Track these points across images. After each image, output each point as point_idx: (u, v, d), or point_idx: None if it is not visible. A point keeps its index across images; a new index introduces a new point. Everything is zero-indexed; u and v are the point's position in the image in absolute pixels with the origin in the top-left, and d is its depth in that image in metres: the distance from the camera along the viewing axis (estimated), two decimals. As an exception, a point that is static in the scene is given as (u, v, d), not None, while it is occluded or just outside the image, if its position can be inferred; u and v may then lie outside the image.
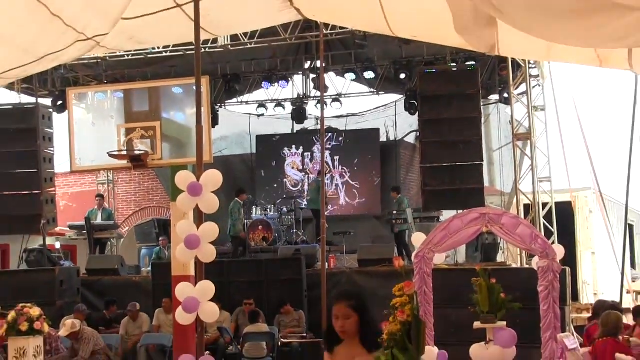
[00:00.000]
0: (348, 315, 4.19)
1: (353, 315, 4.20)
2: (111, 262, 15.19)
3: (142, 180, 21.11)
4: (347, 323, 4.18)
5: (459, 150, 13.91)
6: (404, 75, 17.12)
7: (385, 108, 20.40)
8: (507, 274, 10.69)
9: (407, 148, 19.82)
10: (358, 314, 4.22)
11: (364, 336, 4.21)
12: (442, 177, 13.98)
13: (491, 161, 18.26)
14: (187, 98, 9.32)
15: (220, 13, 8.85)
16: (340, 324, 4.19)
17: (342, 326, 4.18)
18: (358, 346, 4.21)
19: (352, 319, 4.19)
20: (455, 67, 15.34)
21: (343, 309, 4.21)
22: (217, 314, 6.50)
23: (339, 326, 4.19)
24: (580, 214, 17.61)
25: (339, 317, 4.21)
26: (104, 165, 10.40)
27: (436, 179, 14.04)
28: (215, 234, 6.46)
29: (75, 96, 9.84)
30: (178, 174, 6.56)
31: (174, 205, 8.46)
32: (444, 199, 14.01)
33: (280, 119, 20.78)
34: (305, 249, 14.61)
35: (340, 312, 4.21)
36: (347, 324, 4.18)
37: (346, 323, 4.18)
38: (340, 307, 4.23)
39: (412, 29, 9.44)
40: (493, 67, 16.72)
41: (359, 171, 19.44)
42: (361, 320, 4.22)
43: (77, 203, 20.55)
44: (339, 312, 4.22)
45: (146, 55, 16.83)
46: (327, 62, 17.74)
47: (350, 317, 4.19)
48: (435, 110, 14.18)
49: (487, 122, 17.90)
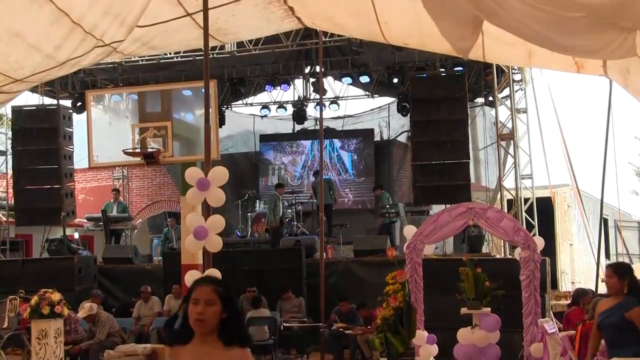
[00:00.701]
0: (211, 301, 3.13)
1: (217, 303, 3.13)
2: (125, 251, 15.19)
3: (155, 176, 21.10)
4: (208, 311, 3.12)
5: (447, 149, 13.90)
6: (396, 80, 17.11)
7: (380, 110, 20.41)
8: (491, 263, 10.70)
9: (399, 147, 19.83)
10: (222, 303, 3.15)
11: (224, 330, 3.14)
12: (432, 174, 13.97)
13: (477, 159, 18.26)
14: (196, 100, 9.33)
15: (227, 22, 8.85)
16: (199, 309, 3.11)
17: (201, 313, 3.11)
18: (214, 342, 3.14)
19: (214, 307, 3.13)
20: (444, 72, 15.33)
21: (207, 293, 3.15)
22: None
23: (197, 312, 3.12)
24: (559, 208, 17.62)
25: (199, 302, 3.13)
26: (119, 161, 10.41)
27: (426, 175, 14.03)
28: (221, 226, 6.47)
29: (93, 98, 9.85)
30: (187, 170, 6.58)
31: (184, 199, 8.47)
32: (433, 194, 14.01)
33: (282, 119, 20.77)
34: (305, 239, 14.61)
35: (202, 296, 3.14)
36: (208, 312, 3.11)
37: (207, 310, 3.11)
38: (203, 290, 3.17)
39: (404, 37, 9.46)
40: (479, 72, 16.70)
41: (355, 168, 19.46)
42: (224, 311, 3.14)
43: (94, 197, 20.54)
44: (200, 295, 3.15)
45: (159, 60, 16.81)
46: (326, 67, 17.71)
47: (213, 304, 3.13)
48: (426, 112, 14.17)
49: (473, 123, 17.88)
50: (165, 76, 17.68)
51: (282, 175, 19.97)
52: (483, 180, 18.05)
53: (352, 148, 19.65)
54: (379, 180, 18.68)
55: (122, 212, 16.64)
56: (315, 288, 11.77)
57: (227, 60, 17.43)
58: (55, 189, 15.18)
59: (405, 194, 18.48)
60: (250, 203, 17.04)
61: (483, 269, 9.05)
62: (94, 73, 17.76)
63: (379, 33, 8.94)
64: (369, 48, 16.15)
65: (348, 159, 19.61)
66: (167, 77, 17.40)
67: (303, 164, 19.94)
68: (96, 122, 9.57)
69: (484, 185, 17.72)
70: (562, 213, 17.75)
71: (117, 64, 16.91)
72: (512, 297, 8.92)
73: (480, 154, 18.40)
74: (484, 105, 17.76)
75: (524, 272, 8.66)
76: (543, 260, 9.35)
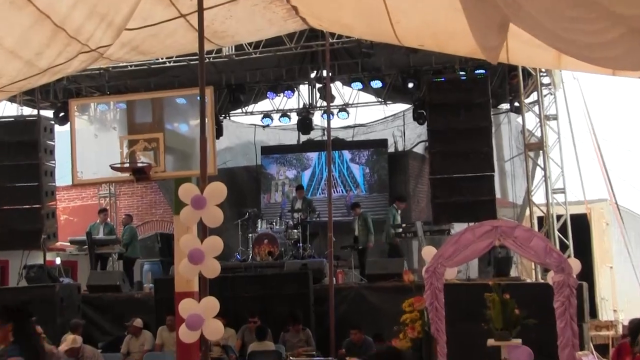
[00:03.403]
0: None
1: None
2: (113, 278, 15.17)
3: (145, 194, 21.12)
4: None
5: (469, 160, 13.89)
6: (412, 84, 17.11)
7: (394, 118, 20.40)
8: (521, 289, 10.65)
9: (415, 159, 19.81)
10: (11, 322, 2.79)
11: None
12: (452, 188, 13.95)
13: (502, 172, 18.22)
14: (191, 109, 9.33)
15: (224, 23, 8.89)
16: None
17: None
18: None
19: None
20: (464, 75, 15.34)
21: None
22: (221, 331, 6.50)
23: None
24: (596, 226, 17.48)
25: None
26: (106, 178, 10.39)
27: (446, 190, 14.00)
28: (219, 249, 6.46)
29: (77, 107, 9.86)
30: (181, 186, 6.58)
31: (177, 218, 8.46)
32: (455, 211, 13.98)
33: (286, 129, 20.79)
34: (312, 263, 14.58)
35: None
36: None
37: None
38: None
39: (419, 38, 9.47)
40: (503, 75, 16.71)
41: (367, 183, 19.44)
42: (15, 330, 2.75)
43: (78, 217, 20.56)
44: None
45: (149, 65, 16.86)
46: (334, 72, 17.74)
47: None
48: (444, 120, 14.16)
49: (498, 131, 17.86)
50: (157, 83, 17.73)
51: (286, 191, 19.96)
52: (510, 195, 18.00)
53: (363, 161, 19.64)
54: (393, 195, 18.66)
55: (109, 234, 16.65)
56: (323, 317, 11.75)
57: (225, 65, 17.48)
58: (35, 209, 15.18)
59: (423, 211, 18.43)
60: (252, 222, 17.03)
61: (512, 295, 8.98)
62: (78, 80, 17.83)
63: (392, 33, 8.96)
64: (380, 50, 16.20)
65: (359, 173, 19.59)
66: (159, 84, 17.45)
67: (309, 179, 19.94)
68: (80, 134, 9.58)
69: (510, 201, 17.67)
70: (599, 232, 17.62)
71: (104, 69, 16.98)
72: (545, 327, 8.85)
73: (506, 165, 18.37)
74: (510, 111, 17.74)
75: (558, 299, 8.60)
76: (580, 285, 9.31)
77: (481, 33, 5.76)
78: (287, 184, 20.13)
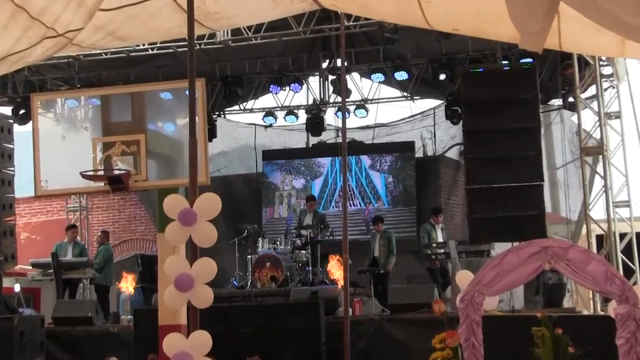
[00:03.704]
0: None
1: None
2: (84, 308, 15.17)
3: (123, 207, 21.19)
4: None
5: (514, 168, 13.89)
6: (444, 76, 17.14)
7: (422, 117, 20.42)
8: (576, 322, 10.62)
9: (448, 165, 19.81)
10: None
11: None
12: (493, 201, 13.94)
13: (554, 181, 18.20)
14: (179, 105, 9.37)
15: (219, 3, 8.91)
16: None
17: None
18: None
19: None
20: (507, 65, 15.36)
21: None
22: None
23: None
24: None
25: None
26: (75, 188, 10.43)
27: (485, 203, 14.00)
28: (212, 273, 6.47)
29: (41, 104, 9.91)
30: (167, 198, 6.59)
31: (162, 237, 8.47)
32: (496, 228, 13.96)
33: (292, 130, 20.85)
34: (324, 291, 14.58)
35: None
36: None
37: None
38: None
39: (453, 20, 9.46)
40: (555, 66, 16.71)
41: (390, 194, 19.44)
42: None
43: (42, 235, 20.63)
44: None
45: (128, 53, 16.94)
46: (350, 61, 17.78)
47: None
48: (483, 119, 14.17)
49: (548, 132, 17.86)
50: (138, 74, 17.82)
51: (293, 204, 19.99)
52: (562, 210, 17.98)
53: (385, 168, 19.66)
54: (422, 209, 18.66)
55: (79, 256, 16.68)
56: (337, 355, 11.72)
57: (219, 52, 17.55)
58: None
59: (457, 229, 18.43)
60: (251, 242, 17.04)
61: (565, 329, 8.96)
62: (43, 71, 17.93)
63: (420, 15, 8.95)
64: (406, 35, 16.21)
65: (381, 183, 19.60)
66: (140, 76, 17.54)
67: (320, 190, 19.95)
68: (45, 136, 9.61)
69: (563, 216, 17.65)
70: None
71: (74, 58, 17.06)
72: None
73: (558, 173, 18.35)
74: (562, 108, 17.73)
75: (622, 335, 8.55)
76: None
77: (522, 14, 5.75)
78: (294, 195, 20.16)
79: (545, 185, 14.40)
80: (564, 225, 16.88)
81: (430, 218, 16.59)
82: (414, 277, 16.70)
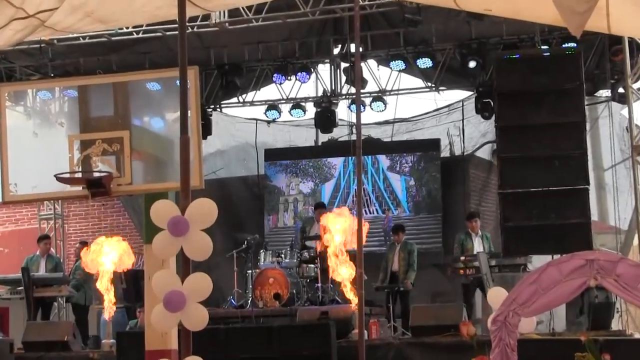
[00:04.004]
0: None
1: None
2: (59, 331, 15.20)
3: (104, 215, 21.21)
4: None
5: (554, 169, 13.89)
6: (474, 64, 17.14)
7: (449, 110, 20.41)
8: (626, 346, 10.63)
9: (479, 166, 19.81)
10: None
11: None
12: (530, 207, 13.95)
13: (601, 185, 18.19)
14: (168, 97, 9.39)
15: (213, -22, 8.94)
16: None
17: None
18: None
19: None
20: (547, 51, 15.35)
21: None
22: None
23: None
24: None
25: None
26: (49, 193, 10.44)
27: (521, 210, 14.01)
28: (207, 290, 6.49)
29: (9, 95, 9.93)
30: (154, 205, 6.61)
31: (149, 248, 8.50)
32: (533, 239, 13.97)
33: (299, 126, 20.86)
34: (336, 311, 14.59)
35: None
36: None
37: None
38: None
39: None
40: (602, 51, 16.69)
41: (412, 199, 19.44)
42: None
43: (11, 247, 20.67)
44: None
45: (109, 37, 16.98)
46: (365, 46, 17.79)
47: None
48: (519, 113, 14.18)
49: (595, 128, 17.84)
50: (120, 62, 17.85)
51: (300, 211, 20.00)
52: (610, 217, 17.95)
53: (406, 169, 19.66)
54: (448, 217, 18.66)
55: (53, 271, 16.73)
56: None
57: (215, 37, 17.58)
58: (-47, 236, 15.36)
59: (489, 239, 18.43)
60: (252, 254, 17.07)
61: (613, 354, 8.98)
62: (11, 58, 17.98)
63: (447, -8, 8.99)
64: (431, 16, 16.22)
65: (401, 186, 19.60)
66: (123, 63, 17.55)
67: (331, 194, 19.96)
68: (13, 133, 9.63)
69: (612, 225, 17.62)
70: None
71: (47, 43, 17.10)
72: (659, 399, 8.86)
73: (605, 176, 18.33)
74: (611, 100, 17.71)
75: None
76: None
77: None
78: (301, 201, 20.19)
79: (591, 189, 14.37)
80: (613, 235, 16.87)
81: (467, 224, 16.45)
82: (439, 295, 16.73)
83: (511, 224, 14.12)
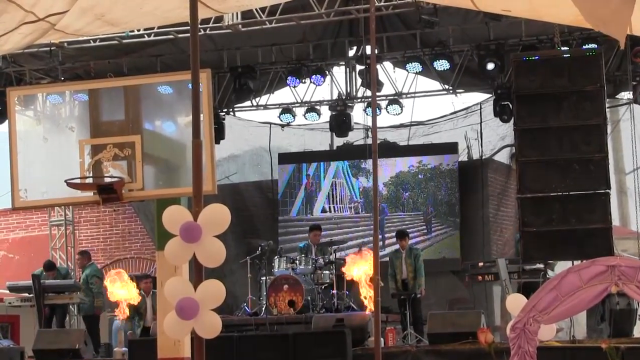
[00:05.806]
0: None
1: None
2: (70, 339, 15.22)
3: (115, 221, 21.23)
4: None
5: (575, 173, 13.85)
6: (492, 66, 17.12)
7: (466, 113, 20.39)
8: (648, 354, 10.58)
9: (497, 171, 19.78)
10: None
11: None
12: (550, 212, 13.90)
13: (622, 189, 18.15)
14: (180, 101, 9.39)
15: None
16: None
17: None
18: None
19: None
20: (567, 52, 15.30)
21: None
22: None
23: None
24: None
25: None
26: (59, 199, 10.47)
27: (541, 215, 13.97)
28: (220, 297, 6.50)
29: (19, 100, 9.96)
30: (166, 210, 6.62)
31: (161, 255, 8.52)
32: (553, 244, 13.93)
33: (314, 130, 20.85)
34: (351, 318, 14.58)
35: None
36: None
37: None
38: None
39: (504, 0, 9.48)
40: (623, 52, 16.64)
41: (428, 205, 19.42)
42: None
43: (21, 254, 20.72)
44: None
45: (120, 40, 17.00)
46: (381, 48, 17.77)
47: None
48: (539, 116, 14.15)
49: (616, 131, 17.81)
50: (132, 65, 17.88)
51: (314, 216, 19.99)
52: (632, 222, 17.89)
53: (424, 174, 19.63)
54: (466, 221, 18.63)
55: (64, 278, 16.74)
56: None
57: (228, 39, 17.60)
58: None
59: (508, 245, 18.40)
60: (266, 261, 17.06)
61: (635, 363, 8.97)
62: (20, 61, 18.02)
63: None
64: (448, 17, 16.20)
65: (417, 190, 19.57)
66: (135, 66, 17.59)
67: (349, 200, 19.95)
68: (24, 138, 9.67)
69: (634, 230, 17.57)
70: None
71: (57, 46, 17.15)
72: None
73: (627, 180, 18.27)
74: (633, 103, 17.66)
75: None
76: None
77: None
78: (316, 206, 20.19)
79: (612, 193, 14.33)
80: (634, 240, 16.81)
81: None
82: (456, 302, 16.69)
83: (531, 229, 14.08)
